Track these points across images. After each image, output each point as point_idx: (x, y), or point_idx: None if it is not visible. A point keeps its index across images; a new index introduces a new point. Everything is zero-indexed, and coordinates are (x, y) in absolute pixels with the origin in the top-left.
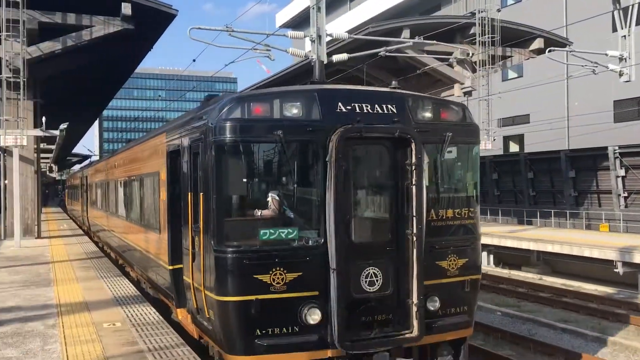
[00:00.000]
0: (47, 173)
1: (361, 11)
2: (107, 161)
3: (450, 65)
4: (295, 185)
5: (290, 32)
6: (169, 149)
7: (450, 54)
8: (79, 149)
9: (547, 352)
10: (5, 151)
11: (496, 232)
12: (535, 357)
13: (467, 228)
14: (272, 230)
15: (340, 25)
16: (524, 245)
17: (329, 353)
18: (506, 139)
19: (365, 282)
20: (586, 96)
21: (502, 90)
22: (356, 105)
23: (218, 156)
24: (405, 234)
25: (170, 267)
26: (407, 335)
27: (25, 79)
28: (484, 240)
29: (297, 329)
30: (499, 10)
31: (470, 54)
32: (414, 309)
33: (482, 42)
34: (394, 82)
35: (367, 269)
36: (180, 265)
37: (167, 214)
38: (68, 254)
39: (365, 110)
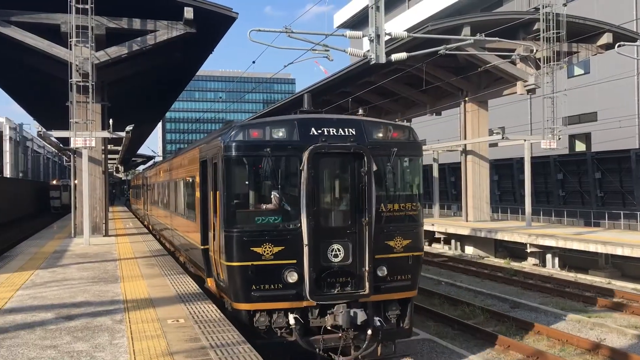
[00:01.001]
0: (114, 173)
1: (419, 9)
2: (160, 166)
3: (513, 63)
4: (279, 186)
5: (348, 32)
6: (201, 159)
7: (513, 50)
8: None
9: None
10: (75, 152)
11: (561, 234)
12: None
13: (411, 217)
14: (263, 217)
15: (399, 24)
16: (592, 247)
17: (304, 303)
18: (572, 138)
19: (331, 254)
20: None
21: (568, 88)
22: (324, 129)
23: (227, 166)
24: (361, 221)
25: (202, 247)
26: (361, 293)
27: (93, 83)
28: (548, 242)
29: (280, 286)
30: (565, 5)
31: (534, 51)
32: (366, 274)
33: (546, 38)
34: (360, 110)
35: (332, 245)
36: (208, 246)
37: (200, 208)
38: (133, 251)
39: (331, 133)
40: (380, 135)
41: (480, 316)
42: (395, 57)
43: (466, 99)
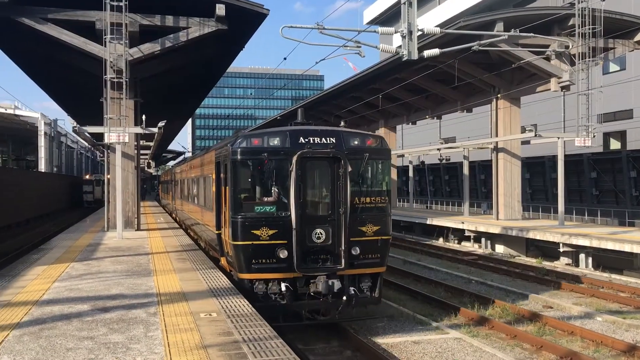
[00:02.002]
0: (146, 169)
1: (451, 5)
2: (185, 164)
3: (547, 59)
4: (273, 183)
5: (380, 29)
6: (215, 161)
7: (547, 46)
8: (173, 145)
9: None
10: (109, 147)
11: (594, 234)
12: None
13: (380, 208)
14: (261, 207)
15: (429, 20)
16: (627, 248)
17: (292, 275)
18: (606, 136)
19: (314, 237)
20: None
21: (603, 84)
22: (310, 138)
23: (233, 166)
24: (338, 211)
25: (217, 232)
26: (337, 267)
27: (127, 79)
28: (582, 242)
29: (274, 261)
30: (603, 0)
31: (569, 47)
32: (342, 253)
33: (582, 33)
34: (342, 123)
35: (315, 229)
36: (221, 231)
37: (215, 200)
38: (165, 245)
39: (315, 141)
40: (356, 143)
41: (510, 315)
42: (427, 53)
43: (498, 95)
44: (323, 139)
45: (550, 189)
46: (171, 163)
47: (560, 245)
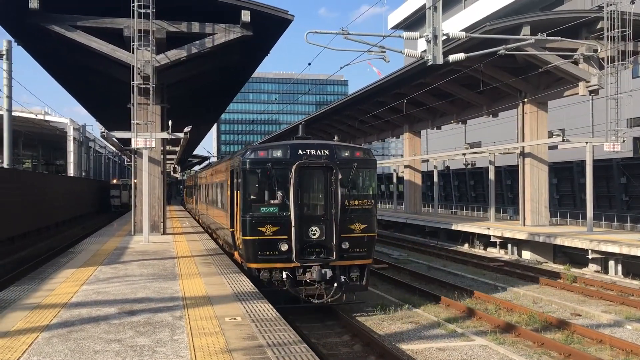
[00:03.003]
0: (171, 173)
1: (476, 9)
2: (206, 171)
3: (575, 63)
4: (276, 188)
5: (405, 34)
6: (230, 169)
7: (575, 50)
8: (198, 150)
9: None
10: (136, 152)
11: (624, 240)
12: None
13: (367, 210)
14: (266, 208)
15: (454, 24)
16: None
17: (292, 265)
18: (636, 141)
19: (311, 233)
20: None
21: (633, 88)
22: (307, 151)
23: (243, 174)
24: (331, 211)
25: (231, 230)
26: (330, 259)
27: (154, 85)
28: (611, 248)
29: (276, 253)
30: (633, 2)
31: (598, 50)
32: (334, 247)
33: (610, 37)
34: (335, 137)
35: (311, 227)
36: (233, 228)
37: (229, 202)
38: (190, 250)
39: (311, 153)
40: (346, 154)
41: (538, 322)
42: (452, 57)
43: (525, 100)
44: (318, 151)
45: (579, 194)
46: (196, 168)
47: (589, 251)
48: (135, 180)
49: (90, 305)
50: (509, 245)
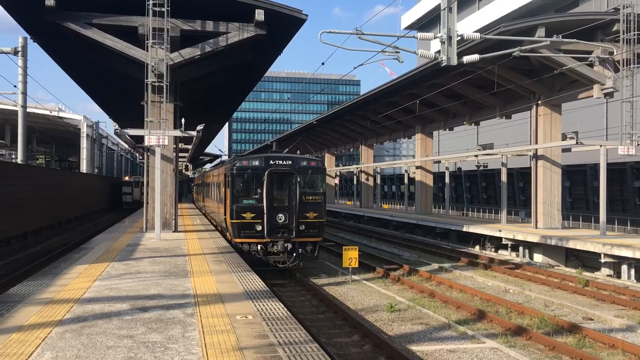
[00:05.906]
0: (183, 171)
1: (491, 10)
2: (209, 172)
3: (590, 65)
4: (254, 187)
5: (419, 34)
6: (225, 173)
7: (590, 52)
8: (210, 148)
9: None
10: (149, 150)
11: (638, 245)
12: None
13: (317, 202)
14: (246, 200)
15: (468, 25)
16: None
17: (264, 240)
18: None
19: (278, 219)
20: None
21: None
22: (276, 161)
23: (231, 177)
24: (292, 203)
25: (224, 216)
26: (291, 236)
27: (167, 83)
28: (624, 252)
29: (254, 231)
30: None
31: (613, 53)
32: (294, 228)
33: (626, 39)
34: (298, 152)
35: (279, 214)
36: (226, 215)
37: (224, 197)
38: (201, 247)
39: (279, 163)
40: (304, 164)
41: (549, 326)
42: (467, 59)
43: (539, 102)
44: (284, 161)
45: (592, 197)
46: (208, 166)
47: (602, 255)
48: (148, 178)
49: (102, 301)
50: (521, 248)
